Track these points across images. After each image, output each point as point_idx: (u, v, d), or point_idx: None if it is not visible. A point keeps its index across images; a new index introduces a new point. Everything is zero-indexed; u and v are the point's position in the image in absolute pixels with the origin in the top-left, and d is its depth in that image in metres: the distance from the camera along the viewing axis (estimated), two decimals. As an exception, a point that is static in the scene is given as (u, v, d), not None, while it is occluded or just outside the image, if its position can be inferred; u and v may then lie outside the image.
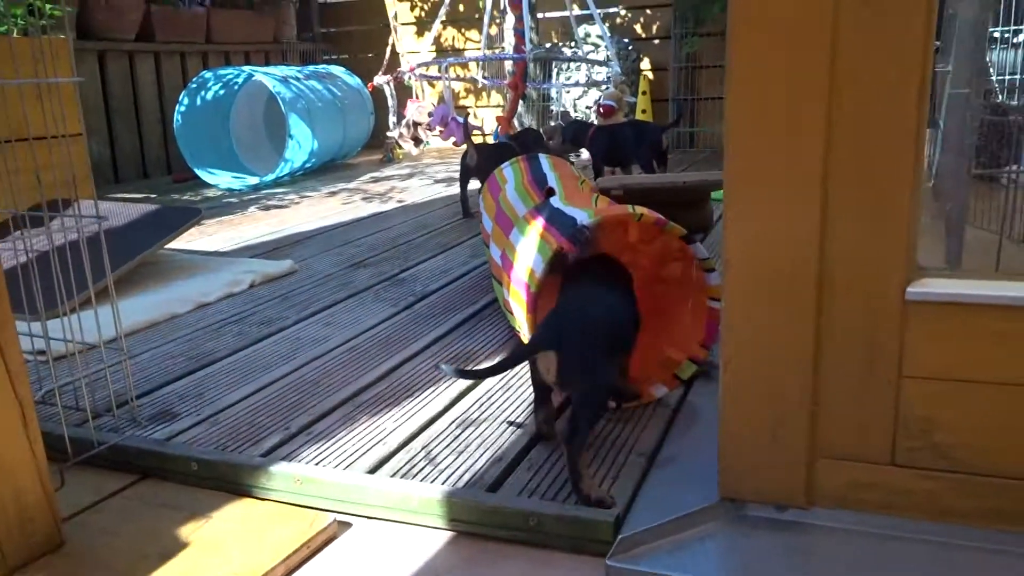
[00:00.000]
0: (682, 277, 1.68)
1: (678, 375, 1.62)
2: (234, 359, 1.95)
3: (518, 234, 1.75)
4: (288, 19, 6.63)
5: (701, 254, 1.55)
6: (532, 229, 1.68)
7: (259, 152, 5.47)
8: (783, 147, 0.99)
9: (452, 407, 1.64)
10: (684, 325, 1.64)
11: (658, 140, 3.53)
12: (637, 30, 6.20)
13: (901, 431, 1.02)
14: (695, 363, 1.61)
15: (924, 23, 0.91)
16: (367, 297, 2.45)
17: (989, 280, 0.95)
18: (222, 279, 2.62)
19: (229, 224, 3.78)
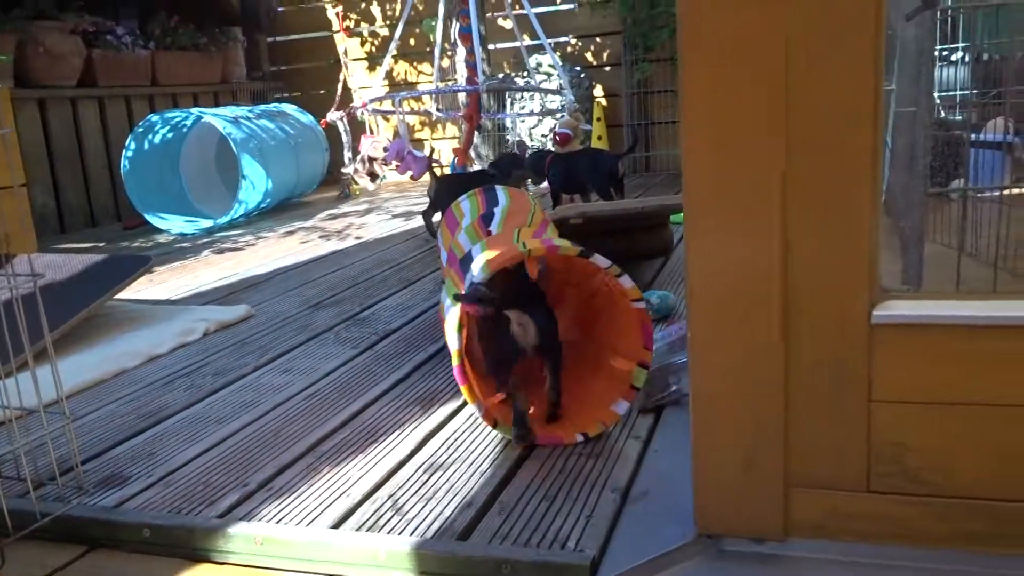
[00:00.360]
0: (608, 289, 1.67)
1: (633, 384, 1.59)
2: (187, 414, 1.88)
3: (444, 293, 1.73)
4: (236, 59, 6.57)
5: (603, 263, 1.54)
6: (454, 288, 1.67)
7: (212, 194, 5.38)
8: (740, 175, 0.97)
9: (418, 451, 1.59)
10: (625, 333, 1.63)
11: (614, 169, 3.53)
12: (588, 58, 6.26)
13: (874, 457, 1.00)
14: (643, 367, 1.58)
15: (873, 48, 0.90)
16: (327, 339, 2.39)
17: (952, 300, 0.94)
18: (174, 329, 2.54)
19: (182, 270, 3.69)
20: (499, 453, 1.54)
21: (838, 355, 0.98)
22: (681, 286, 2.60)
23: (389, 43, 5.18)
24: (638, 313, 1.56)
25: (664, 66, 5.83)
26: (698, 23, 0.96)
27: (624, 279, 1.54)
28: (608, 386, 1.61)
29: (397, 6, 6.74)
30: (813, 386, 1.00)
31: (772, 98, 0.94)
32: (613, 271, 1.54)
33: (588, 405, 1.60)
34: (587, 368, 1.71)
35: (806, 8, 0.91)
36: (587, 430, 1.54)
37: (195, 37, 6.05)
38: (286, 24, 7.10)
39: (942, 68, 3.17)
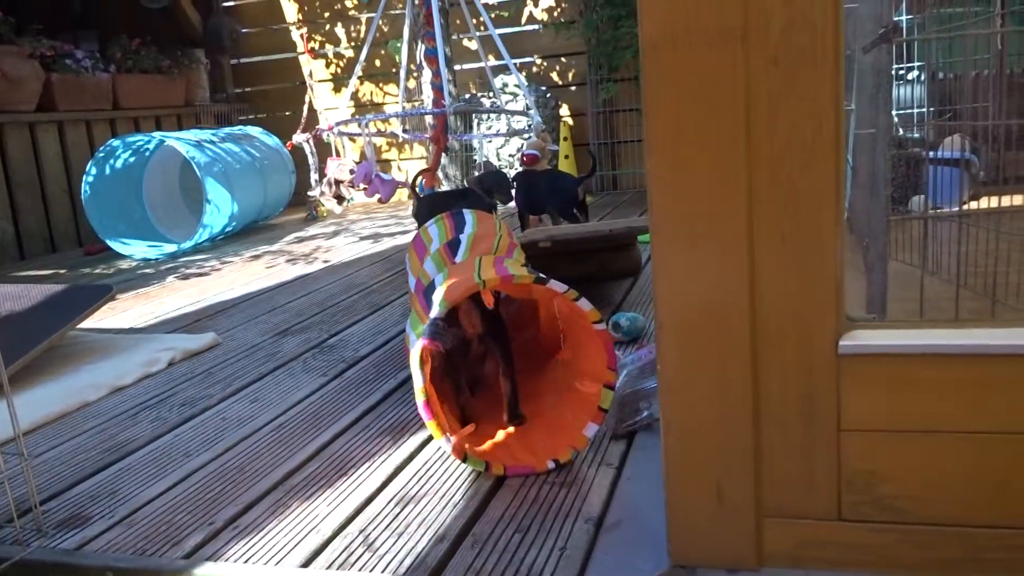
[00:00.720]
0: (569, 312, 1.68)
1: (601, 407, 1.59)
2: (152, 448, 1.84)
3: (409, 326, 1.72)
4: (200, 81, 6.52)
5: (560, 288, 1.54)
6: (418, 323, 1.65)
7: (176, 219, 5.31)
8: (706, 206, 0.97)
9: (389, 483, 1.57)
10: (590, 355, 1.63)
11: (573, 194, 3.54)
12: (554, 78, 6.30)
13: (845, 485, 1.00)
14: (610, 388, 1.58)
15: (832, 79, 0.91)
16: (295, 367, 2.36)
17: (917, 329, 0.95)
18: (138, 359, 2.49)
19: (145, 297, 3.63)
20: (471, 484, 1.53)
21: (806, 385, 0.99)
22: (651, 307, 2.61)
23: (354, 64, 5.17)
24: (600, 335, 1.56)
25: (629, 85, 5.89)
26: (660, 59, 0.97)
27: (582, 302, 1.55)
28: (576, 410, 1.61)
29: (362, 28, 6.74)
30: (783, 416, 1.01)
31: (734, 133, 0.95)
32: (571, 295, 1.54)
33: (558, 430, 1.59)
34: (555, 393, 1.71)
35: (765, 45, 0.92)
36: (558, 456, 1.53)
37: (157, 59, 6.00)
38: (250, 46, 7.06)
39: (899, 87, 3.24)
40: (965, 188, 3.20)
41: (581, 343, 1.66)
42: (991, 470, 0.96)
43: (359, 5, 6.73)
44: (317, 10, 6.84)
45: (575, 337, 1.70)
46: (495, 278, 1.53)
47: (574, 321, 1.68)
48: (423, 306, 1.66)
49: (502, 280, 1.53)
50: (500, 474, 1.53)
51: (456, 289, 1.55)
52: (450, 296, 1.53)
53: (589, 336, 1.60)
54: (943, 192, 3.10)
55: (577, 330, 1.68)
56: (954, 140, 3.41)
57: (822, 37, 0.90)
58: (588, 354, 1.62)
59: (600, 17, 5.73)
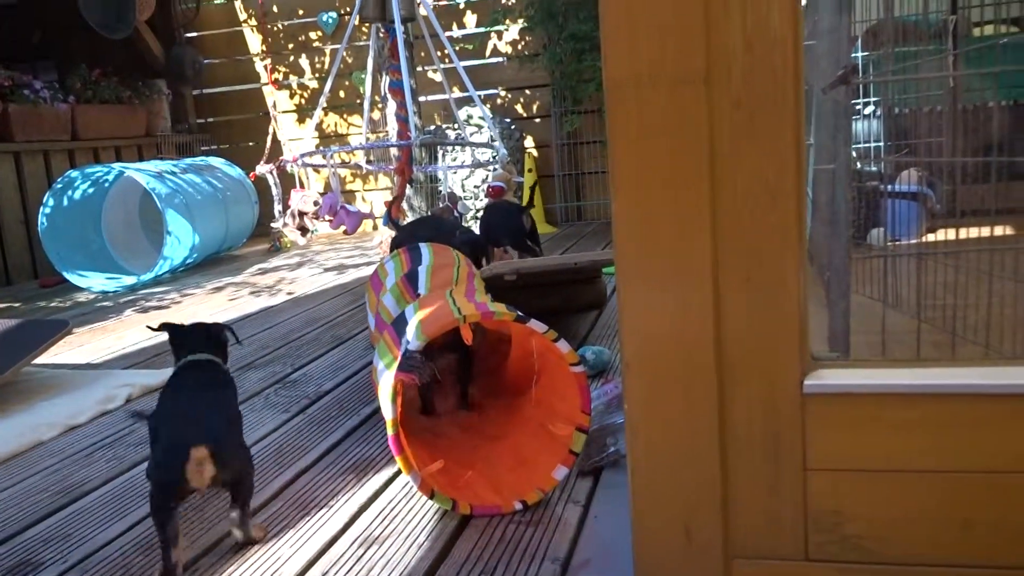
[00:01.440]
0: (544, 351, 1.67)
1: (572, 450, 1.57)
2: (108, 489, 1.79)
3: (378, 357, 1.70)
4: (161, 111, 6.46)
5: (540, 328, 1.54)
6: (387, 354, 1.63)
7: (136, 251, 5.23)
8: (671, 246, 0.98)
9: (352, 523, 1.54)
10: (564, 397, 1.62)
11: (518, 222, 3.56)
12: (518, 109, 6.35)
13: (812, 525, 1.00)
14: (583, 431, 1.57)
15: (793, 121, 0.93)
16: (257, 403, 2.32)
17: (881, 368, 0.96)
18: (95, 396, 2.43)
19: (103, 331, 3.55)
20: (436, 523, 1.50)
21: (773, 425, 0.99)
22: (616, 340, 2.61)
23: (318, 96, 5.15)
24: (576, 377, 1.55)
25: (593, 117, 5.95)
26: (623, 99, 0.98)
27: (561, 343, 1.54)
28: (546, 450, 1.59)
29: (326, 59, 6.74)
30: (749, 456, 1.01)
31: (697, 173, 0.96)
32: (550, 336, 1.53)
33: (526, 471, 1.58)
34: (525, 432, 1.70)
35: (728, 88, 0.94)
36: (525, 497, 1.51)
37: (118, 90, 5.93)
38: (213, 76, 7.03)
39: (855, 121, 3.31)
40: (922, 221, 3.27)
41: (555, 384, 1.65)
42: (956, 509, 0.96)
43: (323, 36, 6.75)
44: (281, 41, 6.84)
45: (549, 377, 1.69)
46: (475, 314, 1.52)
47: (549, 361, 1.67)
48: (394, 338, 1.64)
49: (482, 316, 1.52)
50: (467, 513, 1.51)
51: (434, 322, 1.54)
52: (428, 330, 1.52)
53: (565, 377, 1.58)
54: (900, 225, 3.17)
55: (551, 369, 1.67)
56: (910, 174, 3.49)
57: (782, 81, 0.91)
58: (562, 395, 1.61)
59: (564, 50, 5.80)
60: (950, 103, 3.03)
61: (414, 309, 1.66)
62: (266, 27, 6.79)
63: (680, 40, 0.94)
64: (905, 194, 3.30)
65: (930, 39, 2.86)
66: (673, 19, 0.93)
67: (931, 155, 2.84)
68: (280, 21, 6.82)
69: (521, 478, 1.56)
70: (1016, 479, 0.95)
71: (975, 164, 2.34)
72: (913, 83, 2.85)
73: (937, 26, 3.13)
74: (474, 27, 6.41)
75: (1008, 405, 0.93)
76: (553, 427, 1.60)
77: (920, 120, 2.89)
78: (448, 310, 1.56)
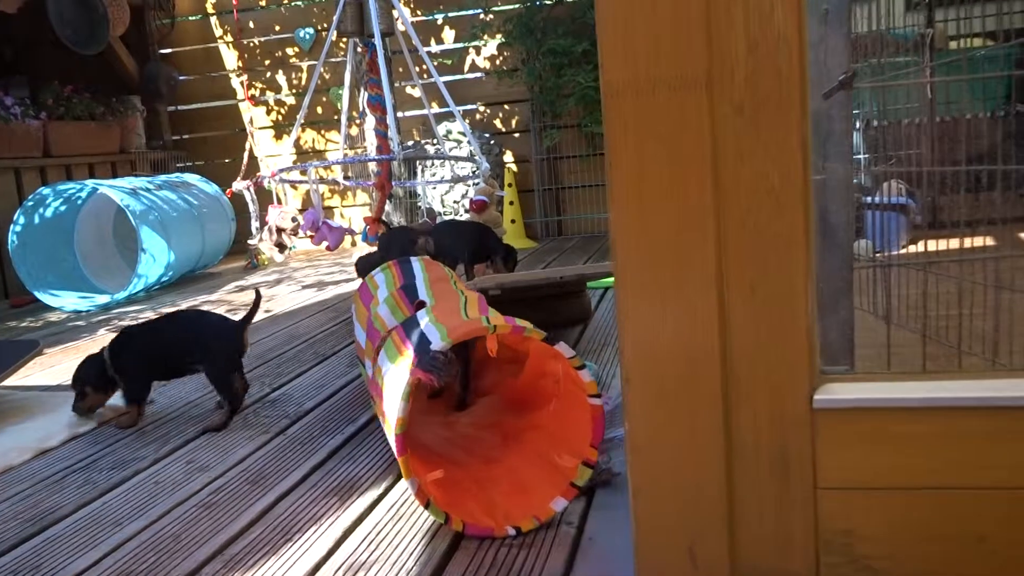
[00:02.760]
0: (563, 375, 1.62)
1: (574, 483, 1.52)
2: (80, 516, 1.72)
3: (385, 357, 1.64)
4: (136, 128, 6.36)
5: (568, 353, 1.49)
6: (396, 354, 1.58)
7: (110, 269, 5.12)
8: (673, 256, 0.94)
9: (338, 549, 1.48)
10: (574, 427, 1.56)
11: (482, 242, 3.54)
12: (497, 124, 6.33)
13: (823, 546, 0.96)
14: (589, 466, 1.52)
15: (799, 125, 0.90)
16: (235, 424, 2.25)
17: (893, 382, 0.93)
18: (66, 418, 2.35)
19: (75, 351, 3.45)
20: (425, 547, 1.45)
21: (781, 442, 0.95)
22: (602, 354, 2.57)
23: (295, 112, 5.10)
24: (593, 409, 1.49)
25: (572, 132, 5.94)
26: (622, 105, 0.94)
27: (584, 372, 1.48)
28: (547, 480, 1.53)
29: (303, 75, 6.69)
30: (757, 474, 0.97)
31: (700, 181, 0.92)
32: (575, 362, 1.48)
33: (523, 496, 1.52)
34: (524, 457, 1.64)
35: (730, 92, 0.90)
36: (520, 524, 1.46)
37: (91, 106, 5.83)
38: (189, 93, 6.94)
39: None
40: (904, 233, 3.28)
41: (565, 412, 1.59)
42: (971, 526, 0.93)
43: (300, 52, 6.70)
44: (257, 57, 6.78)
45: (560, 404, 1.63)
46: (506, 326, 1.46)
47: (565, 387, 1.61)
48: (401, 337, 1.59)
49: (512, 330, 1.47)
50: (459, 529, 1.45)
51: (462, 327, 1.48)
52: (455, 333, 1.46)
53: (578, 407, 1.52)
54: (883, 236, 3.17)
55: (564, 397, 1.61)
56: (891, 186, 3.50)
57: (787, 84, 0.88)
58: (573, 425, 1.55)
59: (542, 65, 5.79)
60: (927, 115, 3.04)
61: (427, 313, 1.61)
62: (242, 43, 6.73)
63: (679, 43, 0.90)
64: (888, 206, 3.30)
65: (907, 52, 2.87)
66: (672, 21, 0.90)
67: (910, 167, 2.84)
68: (256, 37, 6.76)
69: (516, 504, 1.50)
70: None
71: (955, 175, 2.33)
72: (892, 95, 2.85)
73: (914, 39, 3.14)
74: (452, 42, 6.39)
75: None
76: (558, 457, 1.54)
77: (899, 132, 2.89)
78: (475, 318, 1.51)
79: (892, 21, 2.47)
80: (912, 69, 2.84)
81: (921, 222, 3.42)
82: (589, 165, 6.00)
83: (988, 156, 2.56)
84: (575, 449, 1.53)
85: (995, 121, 3.63)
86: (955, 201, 2.58)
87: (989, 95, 3.84)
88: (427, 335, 1.50)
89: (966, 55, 2.78)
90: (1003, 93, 3.93)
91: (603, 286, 3.61)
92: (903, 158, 2.89)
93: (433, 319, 1.56)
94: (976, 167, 2.12)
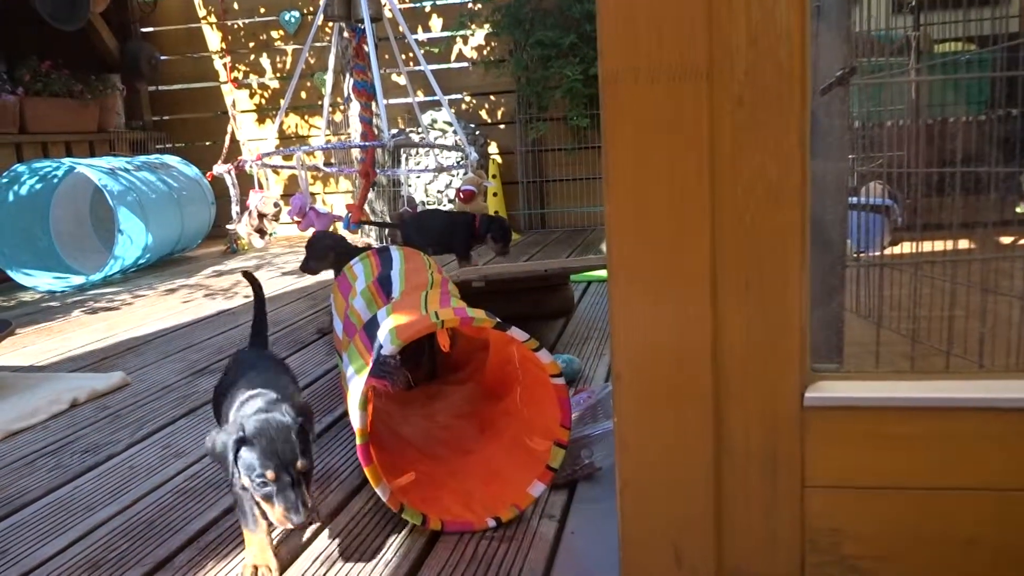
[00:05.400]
0: (523, 359, 1.60)
1: (550, 465, 1.51)
2: (50, 500, 1.68)
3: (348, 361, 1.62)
4: (115, 107, 6.25)
5: (521, 337, 1.48)
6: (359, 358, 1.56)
7: (86, 249, 5.04)
8: (667, 250, 0.93)
9: (314, 541, 1.46)
10: (542, 410, 1.55)
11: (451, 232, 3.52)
12: (483, 115, 6.30)
13: (809, 545, 0.95)
14: (561, 447, 1.51)
15: (799, 119, 0.88)
16: (211, 413, 2.21)
17: (886, 381, 0.92)
18: (38, 399, 2.30)
19: (49, 332, 3.39)
20: (403, 540, 1.43)
21: (770, 439, 0.94)
22: (585, 346, 2.56)
23: (278, 96, 5.04)
24: (557, 390, 1.48)
25: (558, 124, 5.92)
26: (619, 93, 0.92)
27: (542, 353, 1.47)
28: (522, 465, 1.52)
29: (287, 59, 6.61)
30: (745, 473, 0.96)
31: (697, 173, 0.91)
32: (531, 344, 1.47)
33: (500, 485, 1.51)
34: (499, 444, 1.63)
35: (730, 84, 0.89)
36: (499, 514, 1.44)
37: (69, 83, 5.72)
38: (170, 73, 6.84)
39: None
40: (886, 234, 3.29)
41: (533, 396, 1.58)
42: (959, 528, 0.92)
43: (285, 36, 6.62)
44: (241, 39, 6.69)
45: (526, 388, 1.62)
46: (454, 319, 1.45)
47: (527, 371, 1.60)
48: (365, 343, 1.57)
49: (461, 322, 1.45)
50: (437, 529, 1.43)
51: (411, 327, 1.46)
52: (404, 334, 1.44)
53: (544, 389, 1.51)
54: (865, 237, 3.18)
55: (529, 381, 1.60)
56: (874, 187, 3.51)
57: (788, 77, 0.87)
58: (540, 408, 1.54)
59: (530, 57, 5.76)
60: (911, 116, 3.05)
61: (387, 312, 1.58)
62: (226, 24, 6.63)
63: (681, 33, 0.89)
64: (870, 207, 3.31)
65: (893, 54, 2.88)
66: (674, 10, 0.88)
67: (892, 168, 2.85)
68: (240, 19, 6.67)
69: (495, 493, 1.49)
70: (1020, 496, 0.91)
71: (939, 177, 2.34)
72: (876, 96, 2.86)
73: (900, 41, 3.15)
74: (440, 31, 6.34)
75: (1017, 420, 0.89)
76: (530, 441, 1.53)
77: (884, 133, 2.90)
78: (424, 314, 1.49)
79: (880, 23, 2.47)
80: (897, 72, 2.84)
81: (902, 224, 3.44)
82: (574, 158, 5.98)
83: (970, 159, 2.57)
84: (547, 431, 1.52)
85: (979, 124, 3.66)
86: (936, 204, 2.59)
87: (973, 99, 3.86)
88: (381, 340, 1.47)
89: (952, 57, 2.79)
90: (988, 97, 3.96)
91: (586, 279, 3.59)
92: (886, 160, 2.89)
93: (391, 320, 1.53)
94: (951, 168, 2.12)
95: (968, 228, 2.18)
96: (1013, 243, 2.80)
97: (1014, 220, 3.21)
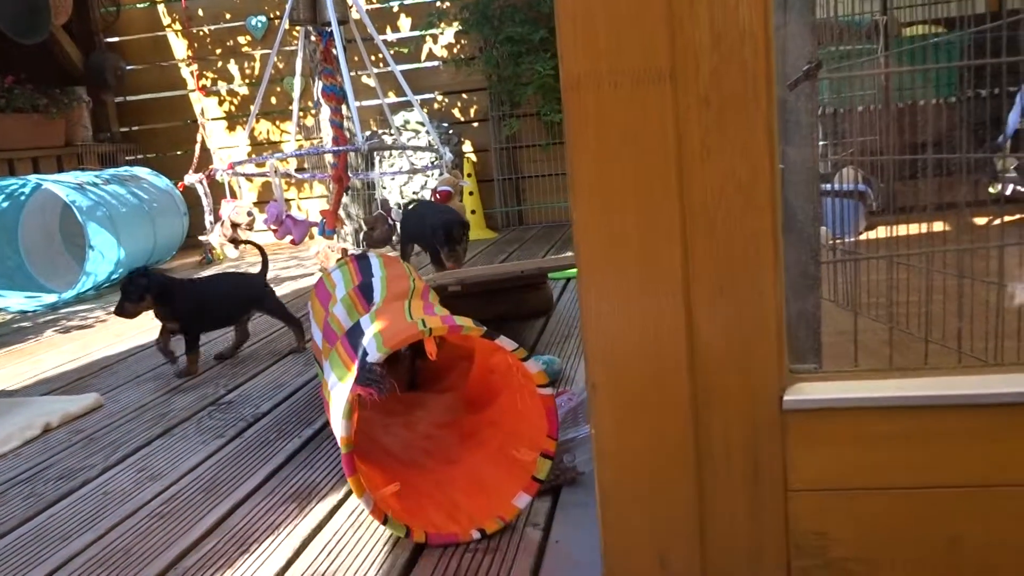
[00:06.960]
0: (509, 368, 1.58)
1: (536, 477, 1.49)
2: (24, 531, 1.64)
3: (331, 368, 1.59)
4: (82, 120, 6.16)
5: (509, 346, 1.46)
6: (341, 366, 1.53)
7: (57, 267, 4.96)
8: (638, 256, 0.91)
9: (296, 559, 1.43)
10: (528, 420, 1.53)
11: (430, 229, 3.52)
12: (456, 114, 6.26)
13: (794, 550, 0.94)
14: (548, 458, 1.49)
15: (766, 119, 0.87)
16: (188, 429, 2.18)
17: (865, 380, 0.91)
18: (10, 427, 2.25)
19: (20, 354, 3.33)
20: (386, 556, 1.40)
21: (751, 444, 0.93)
22: (566, 346, 2.55)
23: (248, 102, 4.98)
24: (544, 400, 1.46)
25: (531, 120, 5.90)
26: (582, 99, 0.90)
27: (531, 363, 1.45)
28: (507, 476, 1.49)
29: (256, 64, 6.55)
30: (727, 478, 0.94)
31: (665, 178, 0.89)
32: (519, 354, 1.44)
33: (484, 496, 1.48)
34: (483, 455, 1.60)
35: (695, 86, 0.87)
36: (484, 526, 1.42)
37: (33, 98, 5.64)
38: (136, 83, 6.75)
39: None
40: (861, 219, 3.30)
41: (518, 405, 1.56)
42: (943, 525, 0.91)
43: (252, 41, 6.54)
44: (208, 46, 6.61)
45: (510, 397, 1.60)
46: (442, 327, 1.42)
47: (512, 380, 1.58)
48: (348, 351, 1.54)
49: (449, 330, 1.42)
50: (421, 541, 1.41)
51: (397, 335, 1.43)
52: (390, 341, 1.41)
53: (530, 399, 1.49)
54: (841, 223, 3.18)
55: (514, 390, 1.58)
56: (848, 172, 3.52)
57: (754, 76, 0.85)
58: (526, 418, 1.51)
59: (500, 54, 5.73)
60: (882, 102, 3.06)
61: (370, 320, 1.55)
62: (191, 31, 6.55)
63: (642, 35, 0.87)
64: (845, 192, 3.32)
65: (862, 39, 2.88)
66: (633, 12, 0.86)
67: (866, 154, 2.86)
68: (207, 25, 6.59)
69: (479, 505, 1.46)
70: (1002, 492, 0.90)
71: (911, 161, 2.34)
72: (847, 82, 2.86)
73: (868, 26, 3.15)
74: (409, 31, 6.30)
75: (998, 415, 0.88)
76: (516, 452, 1.51)
77: (855, 119, 2.90)
78: (411, 322, 1.46)
79: (847, 7, 2.47)
80: (866, 59, 2.84)
81: (877, 208, 3.45)
82: (549, 154, 5.96)
83: (944, 142, 2.58)
84: (532, 442, 1.50)
85: (949, 107, 3.67)
86: (911, 187, 2.60)
87: (943, 82, 3.88)
88: (366, 347, 1.45)
89: (922, 43, 2.80)
90: (956, 80, 3.98)
91: (564, 277, 3.58)
92: (857, 145, 2.89)
93: (375, 326, 1.51)
94: (922, 156, 2.13)
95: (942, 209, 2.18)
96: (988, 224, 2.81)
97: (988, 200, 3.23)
